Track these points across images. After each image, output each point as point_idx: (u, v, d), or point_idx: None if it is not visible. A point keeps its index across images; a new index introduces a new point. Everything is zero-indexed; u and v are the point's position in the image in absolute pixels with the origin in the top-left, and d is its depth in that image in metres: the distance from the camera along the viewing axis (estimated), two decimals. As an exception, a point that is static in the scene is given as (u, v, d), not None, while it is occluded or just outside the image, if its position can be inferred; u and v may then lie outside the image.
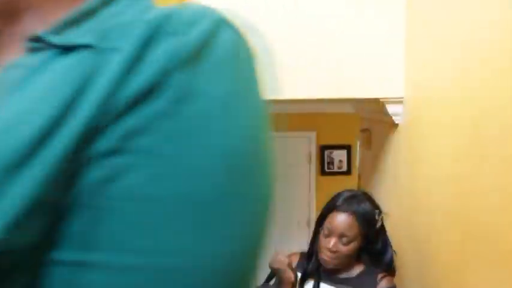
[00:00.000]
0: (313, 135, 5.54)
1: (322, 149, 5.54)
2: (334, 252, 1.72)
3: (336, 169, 5.54)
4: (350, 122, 4.80)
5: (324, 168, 5.54)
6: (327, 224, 1.74)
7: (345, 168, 5.50)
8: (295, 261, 1.85)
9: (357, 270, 1.80)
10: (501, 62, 1.21)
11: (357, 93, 2.28)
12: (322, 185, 5.30)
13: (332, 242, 1.71)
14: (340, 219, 1.72)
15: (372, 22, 2.22)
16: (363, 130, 3.40)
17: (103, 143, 0.29)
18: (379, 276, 1.76)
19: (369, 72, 2.23)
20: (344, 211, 1.73)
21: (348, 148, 5.48)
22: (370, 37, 2.22)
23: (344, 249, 1.72)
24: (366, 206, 1.76)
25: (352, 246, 1.73)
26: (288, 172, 5.49)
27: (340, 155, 5.53)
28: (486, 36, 1.32)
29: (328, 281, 1.80)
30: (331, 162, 5.54)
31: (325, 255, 1.73)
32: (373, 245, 1.80)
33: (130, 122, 0.30)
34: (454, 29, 1.59)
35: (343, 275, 1.80)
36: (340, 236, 1.70)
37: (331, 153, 5.53)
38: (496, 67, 1.24)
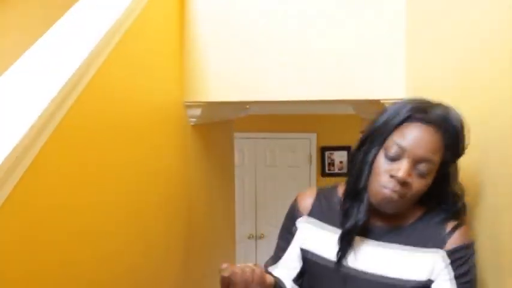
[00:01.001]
0: (313, 136, 5.54)
1: (323, 150, 5.53)
2: (404, 185, 1.11)
3: (336, 170, 5.53)
4: (350, 123, 4.79)
5: (325, 170, 5.53)
6: (395, 139, 1.11)
7: (345, 170, 5.49)
8: (308, 204, 1.31)
9: (414, 216, 1.21)
10: (502, 63, 1.21)
11: (358, 94, 2.27)
12: (323, 186, 5.30)
13: (404, 166, 1.09)
14: (424, 135, 1.10)
15: (372, 23, 2.22)
16: (364, 131, 3.39)
17: None
18: (449, 225, 1.18)
19: (369, 73, 2.23)
20: (429, 123, 1.11)
21: (348, 149, 5.47)
22: (370, 38, 2.22)
23: (418, 184, 1.12)
24: (457, 121, 1.14)
25: (428, 181, 1.13)
26: (288, 173, 5.48)
27: (340, 156, 5.53)
28: (487, 37, 1.32)
29: (367, 233, 1.21)
30: (331, 164, 5.53)
31: (388, 189, 1.11)
32: (444, 185, 1.19)
33: None
34: (454, 30, 1.59)
35: (391, 223, 1.21)
36: (418, 161, 1.10)
37: (331, 154, 5.52)
38: (497, 69, 1.24)
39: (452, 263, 1.14)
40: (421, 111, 1.12)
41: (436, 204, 1.21)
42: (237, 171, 4.16)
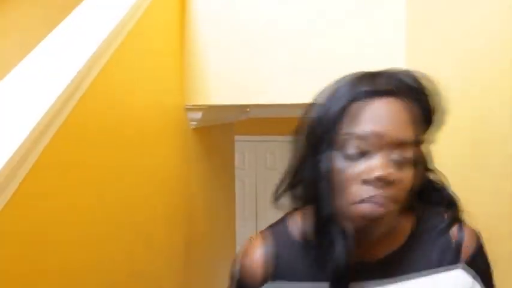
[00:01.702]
0: (314, 139, 5.53)
1: (323, 153, 5.52)
2: (388, 186, 0.75)
3: (336, 173, 5.52)
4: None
5: (325, 173, 5.53)
6: (350, 129, 0.77)
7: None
8: (259, 265, 0.86)
9: (405, 230, 0.86)
10: (502, 63, 1.21)
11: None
12: (323, 189, 5.30)
13: (379, 160, 0.75)
14: (389, 109, 0.77)
15: (372, 24, 2.22)
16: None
17: None
18: (453, 230, 0.87)
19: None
20: (388, 93, 0.79)
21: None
22: (370, 39, 2.22)
23: (406, 178, 0.77)
24: (421, 79, 0.84)
25: (412, 169, 0.78)
26: (288, 176, 5.48)
27: (341, 159, 5.52)
28: (487, 43, 1.32)
29: (356, 275, 0.82)
30: (332, 167, 5.53)
31: (367, 202, 0.75)
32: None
33: None
34: (455, 35, 1.59)
35: (382, 248, 0.85)
36: (394, 146, 0.76)
37: (332, 157, 5.52)
38: (497, 69, 1.24)
39: (477, 272, 0.87)
40: (368, 82, 0.81)
41: (419, 202, 0.89)
42: (237, 173, 4.15)
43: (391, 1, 2.19)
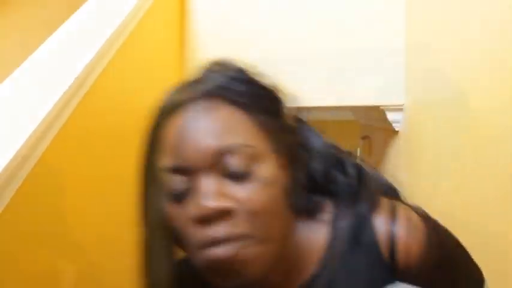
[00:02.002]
0: (312, 142, 5.52)
1: (322, 156, 5.51)
2: (225, 217, 0.54)
3: (335, 176, 5.51)
4: (350, 129, 4.78)
5: (324, 176, 5.52)
6: (164, 162, 0.62)
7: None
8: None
9: (317, 247, 0.62)
10: (501, 71, 1.21)
11: (357, 100, 2.27)
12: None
13: (203, 187, 0.56)
14: (201, 120, 0.60)
15: (372, 29, 2.22)
16: (363, 137, 3.40)
17: None
18: (380, 225, 0.62)
19: (369, 79, 2.23)
20: (195, 101, 0.63)
21: (347, 155, 5.46)
22: (370, 44, 2.22)
23: (256, 195, 0.55)
24: (237, 68, 0.68)
25: (267, 175, 0.57)
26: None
27: (339, 163, 5.51)
28: (486, 45, 1.32)
29: None
30: (330, 170, 5.52)
31: (213, 247, 0.54)
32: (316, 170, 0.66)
33: None
34: (454, 37, 1.59)
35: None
36: (220, 162, 0.56)
37: (330, 160, 5.51)
38: (496, 76, 1.25)
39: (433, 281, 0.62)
40: (172, 96, 0.67)
41: (328, 198, 0.66)
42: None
43: (391, 6, 2.20)
